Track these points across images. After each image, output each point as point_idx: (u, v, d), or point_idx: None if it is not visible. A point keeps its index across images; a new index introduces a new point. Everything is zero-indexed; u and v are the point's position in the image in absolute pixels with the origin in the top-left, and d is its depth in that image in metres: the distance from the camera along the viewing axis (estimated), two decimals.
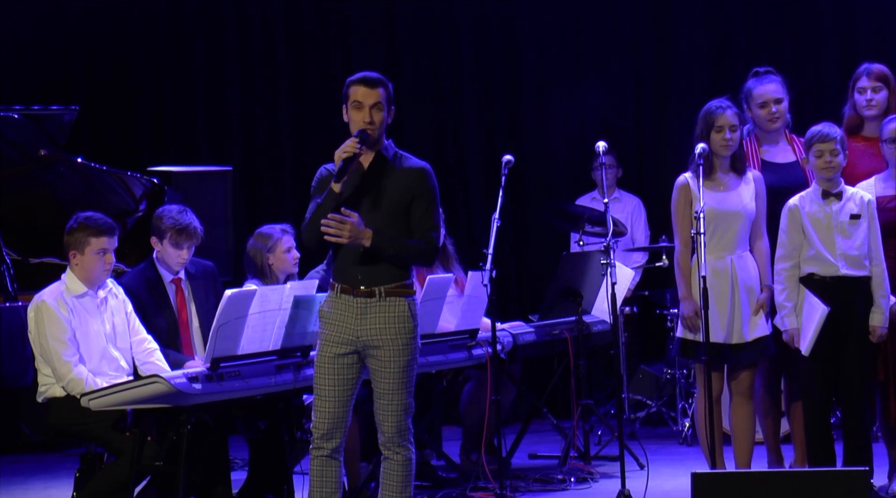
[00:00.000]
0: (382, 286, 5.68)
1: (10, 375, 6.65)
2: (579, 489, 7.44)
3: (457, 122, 10.38)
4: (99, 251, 6.46)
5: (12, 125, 7.27)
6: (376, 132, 5.71)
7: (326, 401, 5.70)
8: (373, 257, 5.67)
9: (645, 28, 10.33)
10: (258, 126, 10.19)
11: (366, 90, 5.74)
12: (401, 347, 5.68)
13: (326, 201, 5.64)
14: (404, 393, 5.70)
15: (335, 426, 5.69)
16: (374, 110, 5.70)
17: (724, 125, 6.71)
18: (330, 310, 5.73)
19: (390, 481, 5.75)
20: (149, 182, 7.80)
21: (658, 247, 9.12)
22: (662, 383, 9.27)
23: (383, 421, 5.71)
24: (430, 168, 5.80)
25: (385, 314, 5.68)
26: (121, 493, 6.19)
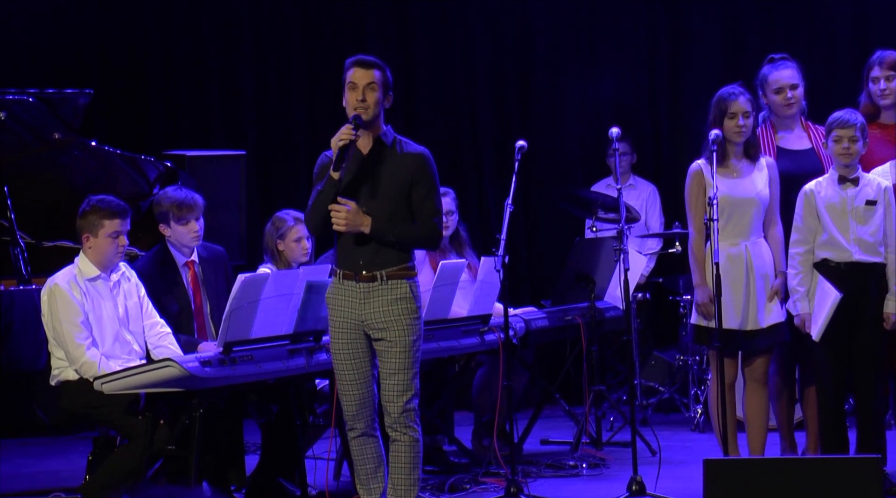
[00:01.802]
0: (384, 270, 5.77)
1: (23, 358, 6.66)
2: (591, 475, 7.44)
3: (470, 108, 10.36)
4: (112, 234, 6.48)
5: (27, 108, 7.28)
6: (370, 113, 5.76)
7: (349, 384, 5.83)
8: (372, 242, 5.73)
9: (659, 13, 10.29)
10: (272, 110, 10.18)
11: (360, 71, 5.82)
12: (405, 327, 5.78)
13: (326, 189, 5.70)
14: (410, 373, 5.79)
15: (362, 405, 5.85)
16: (367, 90, 5.77)
17: (738, 112, 6.69)
18: (334, 296, 5.81)
19: (398, 463, 5.82)
20: (162, 166, 7.80)
21: (671, 233, 9.11)
22: (675, 370, 9.26)
23: (389, 402, 5.80)
24: (429, 153, 5.87)
25: (388, 297, 5.77)
26: (133, 476, 6.21)
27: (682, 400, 9.20)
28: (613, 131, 7.03)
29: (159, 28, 9.96)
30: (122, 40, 9.85)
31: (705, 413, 8.65)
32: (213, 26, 10.07)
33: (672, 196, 9.64)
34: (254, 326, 6.23)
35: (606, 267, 7.89)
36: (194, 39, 10.04)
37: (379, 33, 10.25)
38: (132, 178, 7.75)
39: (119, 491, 6.24)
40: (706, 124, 6.77)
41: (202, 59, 10.05)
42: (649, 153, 10.25)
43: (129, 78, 9.85)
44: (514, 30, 10.37)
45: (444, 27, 10.30)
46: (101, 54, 9.76)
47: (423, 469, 7.29)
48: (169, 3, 9.98)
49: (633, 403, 7.01)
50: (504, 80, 10.39)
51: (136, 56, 9.89)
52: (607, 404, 8.30)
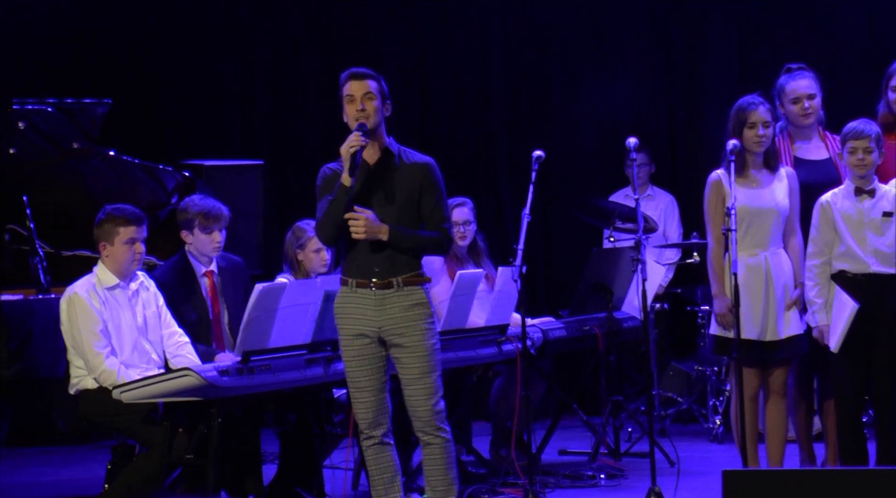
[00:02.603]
0: (400, 276, 5.81)
1: (42, 366, 6.68)
2: (609, 486, 7.42)
3: (487, 118, 10.36)
4: (128, 241, 6.50)
5: (46, 118, 7.30)
6: (372, 121, 5.82)
7: (364, 391, 5.85)
8: (387, 250, 5.77)
9: (676, 23, 10.29)
10: (289, 120, 10.20)
11: (355, 83, 5.89)
12: (423, 331, 5.82)
13: (339, 196, 5.75)
14: (434, 375, 5.84)
15: (378, 413, 5.86)
16: (365, 100, 5.84)
17: (757, 121, 6.69)
18: (347, 305, 5.84)
19: (435, 465, 5.86)
20: (180, 175, 7.82)
21: (689, 243, 9.10)
22: (693, 380, 9.24)
23: (418, 407, 5.83)
24: (434, 162, 5.95)
25: (404, 303, 5.81)
26: (151, 485, 6.21)
27: (700, 411, 9.17)
28: (631, 141, 7.02)
29: (177, 38, 9.99)
30: (141, 50, 9.88)
31: (724, 424, 8.63)
32: (231, 36, 10.10)
33: (690, 206, 9.62)
34: (271, 336, 6.24)
35: (624, 277, 7.88)
36: (212, 49, 10.07)
37: (395, 44, 10.27)
38: (150, 187, 7.77)
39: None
40: (725, 134, 6.76)
41: (220, 69, 10.08)
42: (667, 163, 10.24)
43: (148, 88, 9.88)
44: (531, 39, 10.37)
45: (460, 38, 10.31)
46: (119, 64, 9.79)
47: None
48: (187, 14, 10.01)
49: (651, 413, 7.00)
50: (521, 90, 10.39)
51: (155, 66, 9.92)
52: (625, 415, 8.29)
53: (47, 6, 9.60)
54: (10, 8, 9.46)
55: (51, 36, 9.59)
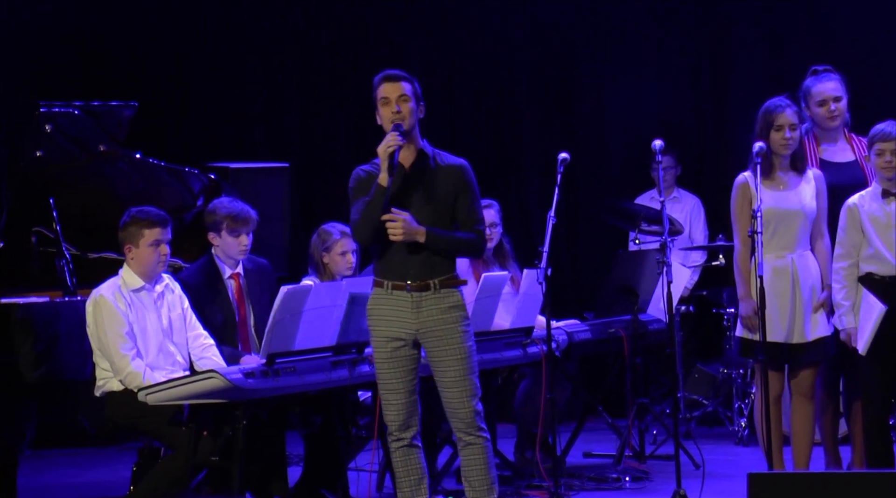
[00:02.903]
0: (437, 279, 5.81)
1: (68, 368, 6.70)
2: (634, 488, 7.41)
3: (512, 120, 10.36)
4: (153, 242, 6.52)
5: (72, 121, 7.32)
6: (407, 123, 5.83)
7: (395, 393, 5.85)
8: (423, 252, 5.77)
9: (703, 25, 10.27)
10: (316, 122, 10.22)
11: (390, 85, 5.90)
12: (461, 333, 5.83)
13: (376, 197, 5.75)
14: (473, 377, 5.85)
15: (408, 415, 5.86)
16: (400, 102, 5.84)
17: (784, 124, 6.67)
18: (381, 307, 5.82)
19: (475, 466, 5.88)
20: (206, 178, 7.83)
21: (715, 246, 9.08)
22: (719, 383, 9.22)
23: (458, 408, 5.83)
24: (468, 165, 5.95)
25: (441, 305, 5.81)
26: (177, 487, 6.23)
27: (725, 413, 9.15)
28: (656, 143, 7.01)
29: (204, 41, 10.02)
30: (167, 53, 9.92)
31: (749, 426, 8.60)
32: (257, 39, 10.12)
33: (716, 208, 9.61)
34: (297, 338, 6.24)
35: (649, 279, 7.87)
36: (238, 52, 10.09)
37: (422, 47, 10.28)
38: (176, 189, 7.79)
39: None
40: (752, 136, 6.74)
41: (246, 71, 10.10)
42: (693, 165, 10.22)
43: (174, 90, 9.91)
44: (556, 42, 10.37)
45: (486, 40, 10.32)
46: (146, 67, 9.82)
47: None
48: (213, 16, 10.04)
49: (676, 415, 6.98)
50: (547, 92, 10.39)
51: (181, 68, 9.95)
52: (650, 417, 8.27)
53: (74, 9, 9.64)
54: (37, 11, 9.50)
55: (77, 39, 9.63)
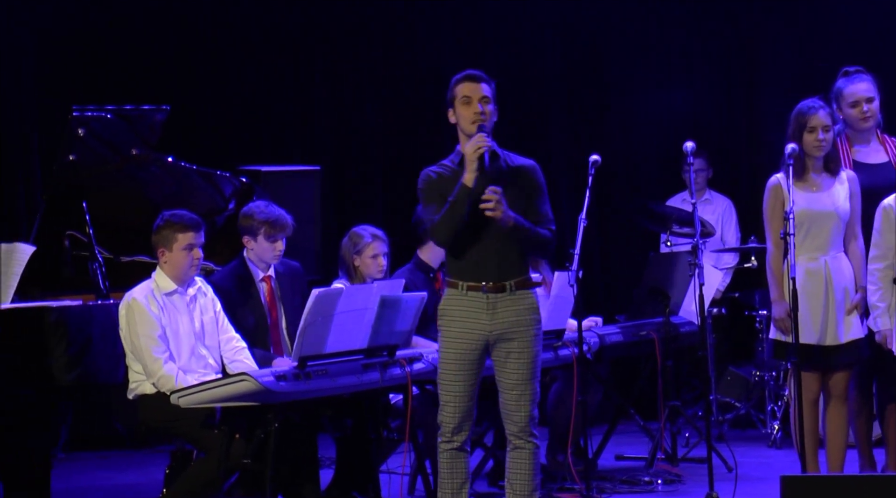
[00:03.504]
0: (512, 280, 5.83)
1: (101, 371, 6.72)
2: (666, 491, 7.39)
3: (543, 122, 10.35)
4: (186, 246, 6.55)
5: (105, 125, 7.35)
6: (488, 125, 5.86)
7: (456, 396, 5.86)
8: (500, 253, 5.76)
9: (734, 27, 10.24)
10: (347, 126, 10.23)
11: (473, 85, 5.92)
12: (532, 338, 5.86)
13: (460, 197, 5.75)
14: (535, 382, 5.88)
15: (464, 419, 5.87)
16: (483, 103, 5.85)
17: (817, 126, 6.64)
18: (455, 307, 5.85)
19: (521, 470, 5.91)
20: (238, 181, 7.85)
21: (747, 248, 9.05)
22: (751, 385, 9.18)
23: (515, 411, 5.86)
24: (538, 165, 6.01)
25: (516, 307, 5.83)
26: (209, 490, 6.25)
27: (758, 416, 9.12)
28: (688, 145, 6.99)
29: (235, 44, 10.05)
30: (199, 57, 9.95)
31: (782, 429, 8.57)
32: (289, 42, 10.15)
33: (748, 210, 9.58)
34: (328, 341, 6.25)
35: (681, 282, 7.85)
36: (270, 55, 10.12)
37: (452, 49, 10.28)
38: (208, 193, 7.81)
39: None
40: (785, 138, 6.71)
41: (277, 74, 10.13)
42: (725, 167, 10.20)
43: (206, 94, 9.94)
44: (587, 44, 10.36)
45: (517, 42, 10.32)
46: (178, 71, 9.86)
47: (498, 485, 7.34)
48: (245, 20, 10.07)
49: (708, 418, 6.96)
50: (578, 94, 10.38)
51: (213, 72, 9.99)
52: (682, 420, 8.25)
53: (106, 14, 9.68)
54: (70, 15, 9.55)
55: (109, 43, 9.67)
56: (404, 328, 6.54)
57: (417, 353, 6.62)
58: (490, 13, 10.29)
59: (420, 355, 6.59)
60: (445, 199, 5.81)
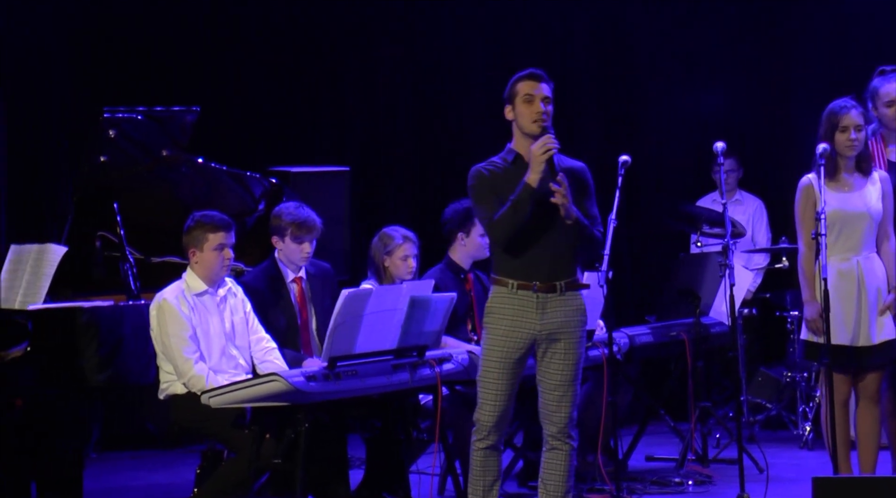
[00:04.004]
0: (563, 280, 5.83)
1: (132, 372, 6.75)
2: (697, 492, 7.38)
3: (573, 123, 10.33)
4: (217, 247, 6.57)
5: (136, 126, 7.38)
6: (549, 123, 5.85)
7: (498, 395, 5.88)
8: (553, 253, 5.82)
9: (766, 27, 10.20)
10: (376, 126, 10.24)
11: (536, 84, 5.97)
12: (578, 339, 5.89)
13: (524, 196, 5.75)
14: (577, 384, 5.92)
15: (501, 419, 5.90)
16: (545, 103, 5.86)
17: (849, 125, 6.60)
18: (504, 306, 5.85)
19: (556, 471, 5.94)
20: (268, 182, 7.87)
21: (778, 248, 9.01)
22: (783, 386, 9.15)
23: (556, 411, 5.89)
24: (587, 166, 5.99)
25: (565, 308, 5.85)
26: (240, 490, 6.26)
27: (790, 417, 9.08)
28: (718, 146, 6.97)
29: (265, 45, 10.07)
30: (229, 58, 9.97)
31: (814, 430, 8.53)
32: (319, 43, 10.16)
33: (779, 211, 9.53)
34: (357, 341, 6.26)
35: (711, 282, 7.82)
36: (300, 57, 10.13)
37: (482, 48, 10.28)
38: (238, 194, 7.83)
39: None
40: (817, 138, 6.68)
41: (307, 75, 10.14)
42: (756, 167, 10.15)
43: (236, 95, 9.97)
44: (617, 44, 10.33)
45: (547, 42, 10.29)
46: (208, 72, 9.89)
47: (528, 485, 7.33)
48: (275, 21, 10.08)
49: (739, 419, 6.93)
50: (608, 94, 10.35)
51: (242, 73, 10.01)
52: (713, 421, 8.22)
53: (137, 14, 9.72)
54: (101, 16, 9.59)
55: (140, 44, 9.70)
56: (434, 329, 6.54)
57: (447, 353, 6.61)
58: (521, 13, 10.27)
59: (450, 356, 6.59)
60: (498, 195, 5.81)
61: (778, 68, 10.21)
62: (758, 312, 9.44)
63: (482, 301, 7.05)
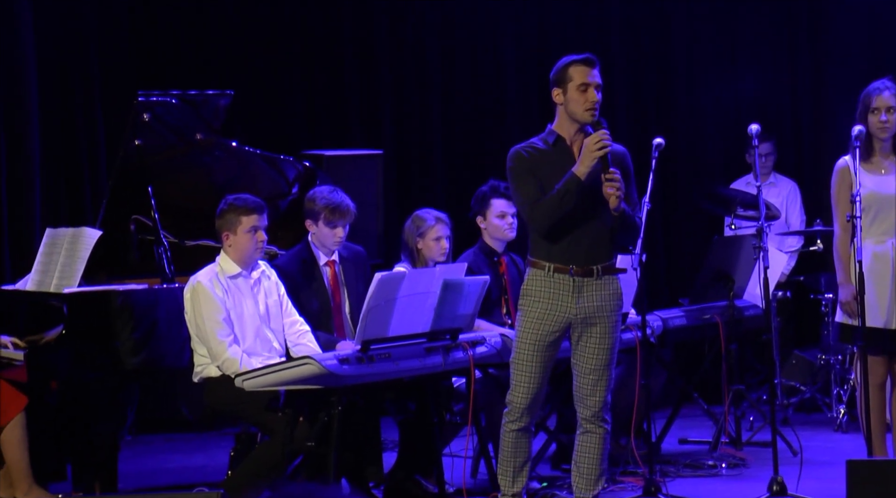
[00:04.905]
0: (600, 265, 5.82)
1: (167, 355, 6.79)
2: (730, 475, 7.36)
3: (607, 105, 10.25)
4: (250, 229, 6.58)
5: (170, 110, 7.40)
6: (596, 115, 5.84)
7: (531, 377, 5.89)
8: (591, 238, 5.81)
9: (801, 8, 10.14)
10: (410, 110, 10.23)
11: (590, 70, 5.89)
12: (614, 324, 5.90)
13: (571, 188, 5.73)
14: (612, 368, 5.93)
15: (534, 402, 5.92)
16: (598, 90, 5.83)
17: (880, 107, 6.56)
18: (540, 289, 5.84)
19: (591, 454, 5.96)
20: (301, 166, 7.88)
21: (812, 231, 8.97)
22: (817, 369, 9.11)
23: (591, 395, 5.90)
24: (627, 150, 5.96)
25: (601, 292, 5.86)
26: (274, 472, 6.29)
27: (824, 400, 9.05)
28: (753, 128, 6.93)
29: (298, 29, 10.08)
30: (263, 42, 9.99)
31: (848, 413, 8.50)
32: (352, 26, 10.16)
33: (814, 193, 9.49)
34: (391, 324, 6.27)
35: (746, 265, 7.80)
36: (333, 40, 10.14)
37: (516, 33, 10.26)
38: (272, 177, 7.85)
39: (261, 486, 6.33)
40: (853, 120, 6.64)
41: (340, 59, 10.14)
42: (791, 150, 10.11)
43: (269, 79, 9.98)
44: (652, 26, 10.29)
45: (581, 23, 10.27)
46: (242, 55, 9.91)
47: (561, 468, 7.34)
48: (307, 5, 10.09)
49: (773, 402, 6.90)
50: (642, 77, 10.32)
51: (276, 57, 10.02)
52: (747, 404, 8.20)
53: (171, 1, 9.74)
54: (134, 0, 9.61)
55: (174, 28, 9.73)
56: (467, 312, 6.54)
57: (480, 336, 6.62)
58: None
59: (483, 339, 6.59)
60: (537, 178, 5.78)
61: (814, 50, 10.15)
62: (792, 294, 9.40)
63: (516, 284, 7.06)
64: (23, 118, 8.20)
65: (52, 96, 8.78)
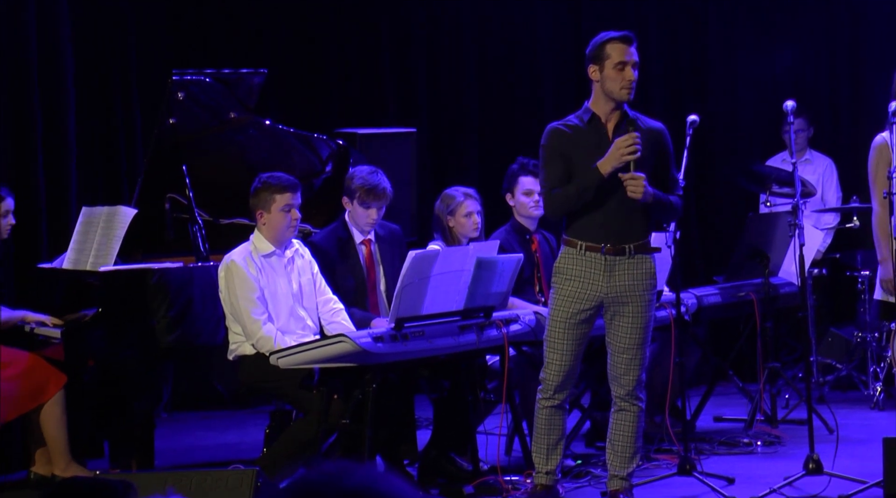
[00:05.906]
0: (632, 243, 5.81)
1: (202, 333, 6.81)
2: (766, 453, 7.34)
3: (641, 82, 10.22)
4: (284, 207, 6.59)
5: (204, 89, 7.41)
6: (633, 93, 5.83)
7: (564, 355, 5.90)
8: (624, 216, 5.80)
9: None
10: (443, 88, 10.21)
11: (628, 48, 5.87)
12: (647, 303, 5.89)
13: (591, 184, 5.74)
14: (646, 347, 5.93)
15: (567, 378, 5.94)
16: (636, 69, 5.80)
17: None
18: (572, 267, 5.84)
19: (623, 432, 5.96)
20: (335, 144, 7.88)
21: (849, 208, 8.91)
22: (853, 347, 9.06)
23: (625, 374, 5.91)
24: (665, 127, 5.90)
25: (634, 271, 5.85)
26: (308, 450, 6.30)
27: (860, 377, 9.00)
28: (788, 104, 6.89)
29: (333, 7, 10.06)
30: (296, 20, 9.98)
31: (885, 391, 8.46)
32: (387, 3, 10.14)
33: (850, 170, 9.42)
34: (425, 303, 6.27)
35: (781, 242, 7.76)
36: (367, 18, 10.12)
37: (551, 8, 10.22)
38: (305, 156, 7.85)
39: (295, 464, 6.35)
40: (891, 96, 6.59)
41: (374, 37, 10.13)
42: (827, 126, 10.03)
43: (303, 57, 9.98)
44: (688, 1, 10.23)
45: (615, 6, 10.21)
46: (275, 34, 9.91)
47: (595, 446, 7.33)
48: None
49: (808, 380, 6.89)
50: (677, 53, 10.26)
51: (310, 35, 10.01)
52: (782, 381, 8.17)
53: None
54: None
55: (208, 6, 9.73)
56: (500, 290, 6.54)
57: (514, 314, 6.62)
58: None
59: (516, 317, 6.59)
60: (566, 159, 5.76)
61: (850, 26, 10.06)
62: (828, 272, 9.35)
63: (549, 262, 7.05)
64: (59, 98, 8.22)
65: (89, 76, 8.81)
